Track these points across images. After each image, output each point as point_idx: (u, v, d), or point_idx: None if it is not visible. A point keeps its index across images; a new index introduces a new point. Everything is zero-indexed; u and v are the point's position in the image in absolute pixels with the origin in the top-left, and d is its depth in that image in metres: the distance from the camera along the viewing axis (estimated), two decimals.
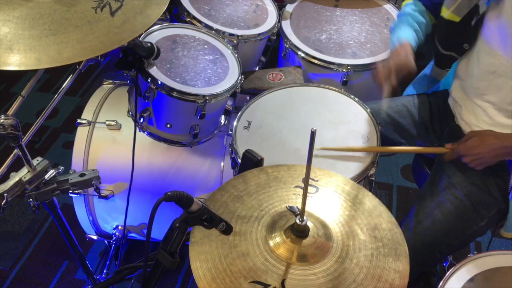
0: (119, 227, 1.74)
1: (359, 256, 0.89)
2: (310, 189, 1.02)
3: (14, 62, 0.86)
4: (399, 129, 1.57)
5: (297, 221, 0.89)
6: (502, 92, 1.28)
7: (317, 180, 1.04)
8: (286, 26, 1.89)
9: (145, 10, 1.03)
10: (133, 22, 1.00)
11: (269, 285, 0.83)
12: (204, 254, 0.88)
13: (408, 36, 1.48)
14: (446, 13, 1.36)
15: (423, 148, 1.34)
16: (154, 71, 1.34)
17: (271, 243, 0.90)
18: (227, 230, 0.87)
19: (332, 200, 1.01)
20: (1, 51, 0.86)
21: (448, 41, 1.41)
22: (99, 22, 0.96)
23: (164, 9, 1.07)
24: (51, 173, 1.18)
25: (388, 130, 1.53)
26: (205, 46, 1.53)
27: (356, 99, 1.53)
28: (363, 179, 1.35)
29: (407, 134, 1.57)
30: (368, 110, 1.49)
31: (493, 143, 1.25)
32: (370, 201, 1.00)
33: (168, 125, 1.45)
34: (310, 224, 0.92)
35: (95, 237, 1.83)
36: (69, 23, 0.92)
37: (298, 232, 0.90)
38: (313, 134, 0.79)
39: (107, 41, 0.95)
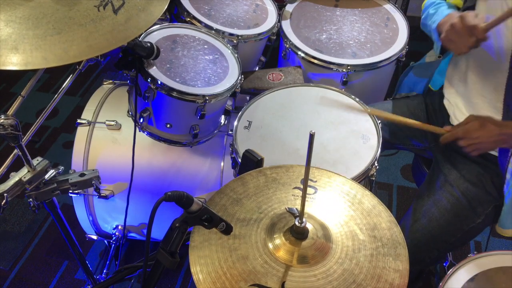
0: (119, 227, 1.74)
1: (358, 256, 0.89)
2: (308, 190, 1.02)
3: (20, 61, 0.86)
4: (396, 130, 1.57)
5: (296, 223, 0.89)
6: (490, 80, 1.27)
7: (316, 181, 1.04)
8: (286, 26, 1.89)
9: (147, 7, 1.03)
10: (136, 19, 1.00)
11: None
12: (203, 258, 0.88)
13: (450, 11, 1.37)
14: None
15: (422, 124, 1.34)
16: (154, 71, 1.34)
17: (271, 245, 0.90)
18: (227, 230, 0.87)
19: (331, 200, 1.00)
20: (7, 51, 0.86)
21: None
22: (103, 20, 0.96)
23: (166, 6, 1.07)
24: (51, 173, 1.18)
25: (385, 131, 1.53)
26: (205, 46, 1.53)
27: (357, 99, 1.53)
28: (364, 179, 1.35)
29: (404, 135, 1.57)
30: (369, 110, 1.49)
31: (492, 129, 1.23)
32: (369, 200, 1.00)
33: (168, 125, 1.45)
34: (309, 225, 0.92)
35: (95, 237, 1.83)
36: (73, 22, 0.93)
37: (297, 234, 0.90)
38: (311, 137, 0.78)
39: (112, 39, 0.95)
